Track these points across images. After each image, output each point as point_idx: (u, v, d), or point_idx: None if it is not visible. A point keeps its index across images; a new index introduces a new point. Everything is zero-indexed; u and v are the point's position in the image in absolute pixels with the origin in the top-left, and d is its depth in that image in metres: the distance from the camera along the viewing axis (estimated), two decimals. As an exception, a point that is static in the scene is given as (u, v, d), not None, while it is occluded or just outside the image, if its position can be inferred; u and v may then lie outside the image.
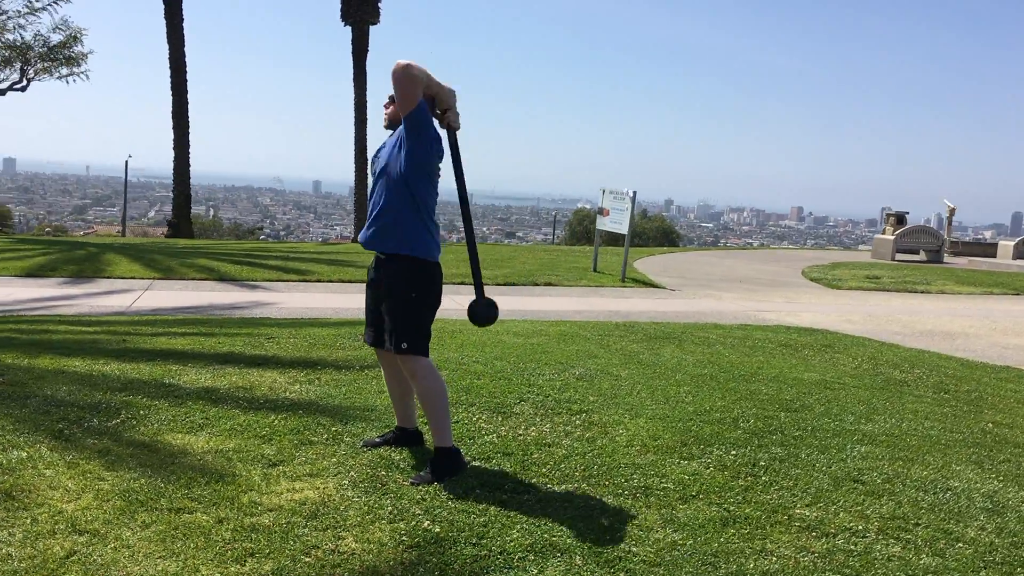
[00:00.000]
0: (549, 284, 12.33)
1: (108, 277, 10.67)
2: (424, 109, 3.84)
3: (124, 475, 3.71)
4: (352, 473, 3.90)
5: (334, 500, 3.59)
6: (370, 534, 3.30)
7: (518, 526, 3.44)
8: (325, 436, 4.37)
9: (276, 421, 4.55)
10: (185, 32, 23.65)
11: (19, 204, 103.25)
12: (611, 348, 7.26)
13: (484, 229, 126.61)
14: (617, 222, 13.56)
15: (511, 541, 3.30)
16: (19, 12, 28.43)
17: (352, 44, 29.04)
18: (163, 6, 23.49)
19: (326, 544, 3.20)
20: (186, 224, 24.21)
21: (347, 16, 28.84)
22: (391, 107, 3.99)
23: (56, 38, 29.47)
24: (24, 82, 29.32)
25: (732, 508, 3.79)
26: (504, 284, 11.87)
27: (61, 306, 8.41)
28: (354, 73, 28.52)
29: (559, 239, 55.23)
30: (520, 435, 4.59)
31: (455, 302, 9.86)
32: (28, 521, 3.23)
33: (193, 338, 6.59)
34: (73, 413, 4.48)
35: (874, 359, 7.64)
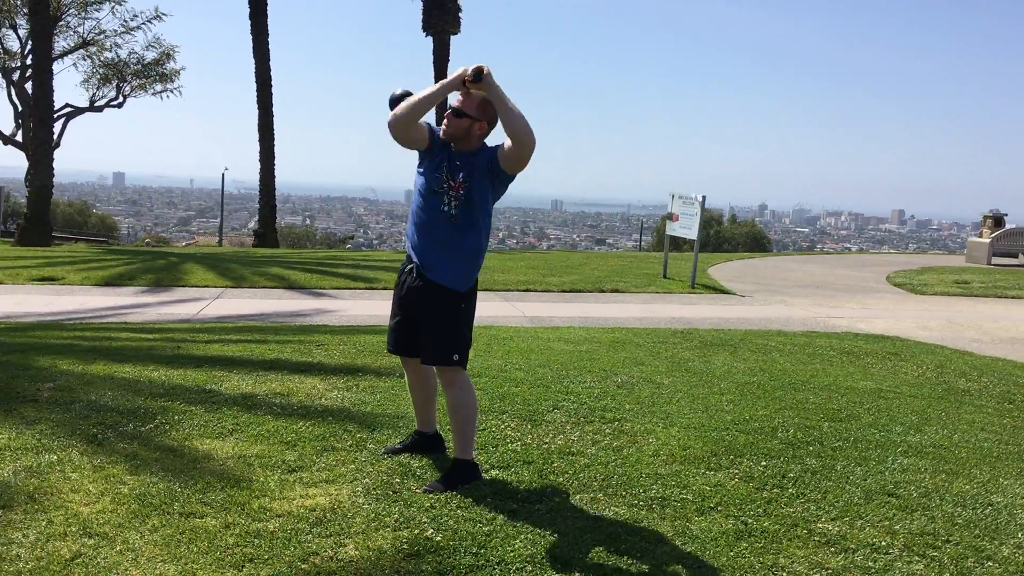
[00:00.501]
0: (616, 291, 12.20)
1: (183, 286, 11.00)
2: None
3: (145, 479, 3.80)
4: (367, 480, 3.92)
5: (344, 507, 3.61)
6: (372, 541, 3.31)
7: (522, 536, 3.40)
8: (349, 443, 4.40)
9: (304, 427, 4.61)
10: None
11: (127, 216, 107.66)
12: (661, 355, 7.13)
13: (574, 236, 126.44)
14: (687, 227, 13.35)
15: (511, 551, 3.27)
16: (115, 31, 29.81)
17: (433, 54, 29.37)
18: (249, 23, 24.19)
19: (326, 551, 3.22)
20: (271, 234, 24.83)
21: (428, 27, 29.15)
22: (458, 124, 3.86)
23: (150, 55, 30.83)
24: (120, 99, 30.66)
25: (750, 521, 3.67)
26: (569, 291, 11.78)
27: (131, 314, 8.71)
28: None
29: (647, 245, 54.75)
30: (545, 443, 4.54)
31: (516, 309, 9.86)
32: (43, 523, 3.33)
33: (245, 345, 6.74)
34: (111, 418, 4.63)
35: (940, 367, 7.31)
